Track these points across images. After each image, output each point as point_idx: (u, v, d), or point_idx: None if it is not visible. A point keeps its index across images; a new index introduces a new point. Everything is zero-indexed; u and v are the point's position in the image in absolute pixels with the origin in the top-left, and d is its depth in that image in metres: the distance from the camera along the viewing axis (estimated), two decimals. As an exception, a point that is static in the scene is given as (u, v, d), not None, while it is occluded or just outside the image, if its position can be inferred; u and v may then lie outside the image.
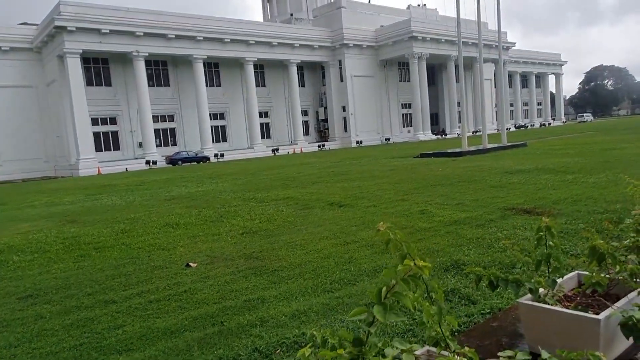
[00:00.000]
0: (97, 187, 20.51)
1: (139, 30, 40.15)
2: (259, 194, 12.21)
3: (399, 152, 29.48)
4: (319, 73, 57.87)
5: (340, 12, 55.00)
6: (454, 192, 10.21)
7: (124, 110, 44.00)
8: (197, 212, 9.57)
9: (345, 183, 13.59)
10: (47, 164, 42.67)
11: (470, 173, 13.75)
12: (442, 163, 18.38)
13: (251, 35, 47.57)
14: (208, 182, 18.10)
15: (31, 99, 41.74)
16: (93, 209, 12.02)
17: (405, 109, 60.86)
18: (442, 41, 54.58)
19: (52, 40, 38.87)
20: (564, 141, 27.94)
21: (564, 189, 9.48)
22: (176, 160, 41.40)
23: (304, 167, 22.53)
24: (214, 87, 49.76)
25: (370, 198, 10.19)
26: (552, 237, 2.49)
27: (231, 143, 51.38)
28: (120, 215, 10.01)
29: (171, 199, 12.85)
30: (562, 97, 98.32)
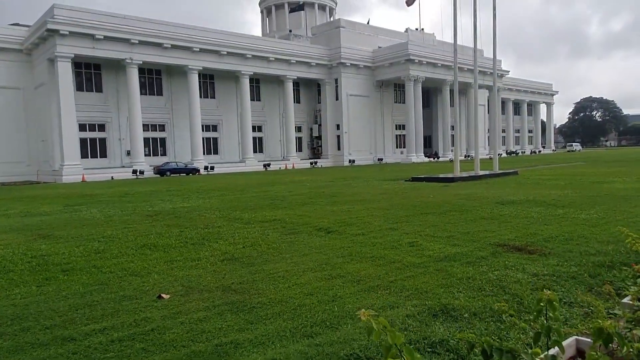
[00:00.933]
0: (78, 196, 19.95)
1: (134, 37, 39.81)
2: (246, 214, 11.87)
3: (391, 174, 29.31)
4: (315, 90, 57.94)
5: (339, 31, 55.35)
6: (445, 222, 9.97)
7: (113, 117, 43.43)
8: (179, 232, 9.20)
9: (335, 206, 13.30)
10: (29, 168, 41.67)
11: (462, 202, 13.55)
12: (434, 189, 18.19)
13: (248, 49, 47.53)
14: (195, 197, 17.70)
15: (17, 101, 40.93)
16: (69, 222, 11.56)
17: (399, 130, 61.02)
18: (439, 65, 55.06)
19: (43, 43, 38.33)
20: (554, 171, 28.00)
21: (555, 225, 9.29)
22: (165, 170, 40.80)
23: (294, 186, 22.23)
24: (208, 98, 49.49)
25: (360, 225, 9.91)
26: (554, 310, 2.23)
27: (223, 156, 50.97)
28: (96, 232, 9.60)
29: (153, 214, 12.43)
30: (552, 125, 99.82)
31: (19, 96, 41.06)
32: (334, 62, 54.30)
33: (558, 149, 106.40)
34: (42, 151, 41.46)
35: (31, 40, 39.19)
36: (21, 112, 41.14)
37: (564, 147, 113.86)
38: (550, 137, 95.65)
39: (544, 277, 5.55)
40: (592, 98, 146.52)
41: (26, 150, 41.63)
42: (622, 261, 6.00)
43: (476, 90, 25.41)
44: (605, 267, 5.91)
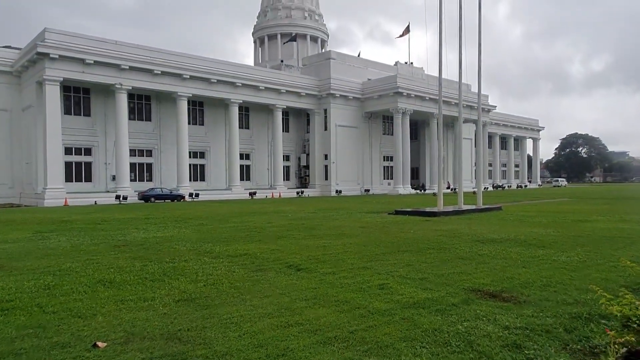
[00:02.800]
0: (52, 222, 19.35)
1: (124, 63, 39.80)
2: (217, 247, 11.46)
3: (375, 206, 29.06)
4: (304, 120, 58.18)
5: (329, 63, 56.00)
6: (421, 261, 9.66)
7: (100, 141, 42.98)
8: (141, 267, 8.77)
9: (311, 240, 12.95)
10: (12, 191, 40.96)
11: (441, 239, 13.28)
12: (415, 223, 17.93)
13: (238, 77, 47.76)
14: (171, 226, 17.24)
15: (4, 123, 40.50)
16: (32, 251, 11.07)
17: (386, 161, 61.22)
18: (426, 99, 55.75)
19: (33, 66, 38.17)
20: (538, 207, 27.96)
21: (534, 268, 9.02)
22: (149, 196, 40.22)
23: (275, 216, 21.85)
24: (196, 125, 49.37)
25: (332, 262, 9.57)
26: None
27: (209, 182, 50.51)
28: (56, 264, 9.14)
29: (122, 245, 11.99)
30: (538, 161, 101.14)
31: (5, 118, 40.66)
32: (323, 92, 54.72)
33: (544, 183, 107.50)
34: (26, 173, 40.86)
35: (21, 63, 39.04)
36: (7, 134, 40.66)
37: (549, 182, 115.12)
38: (537, 171, 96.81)
39: (516, 330, 5.21)
40: (578, 134, 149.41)
41: (9, 172, 41.00)
42: (600, 313, 5.70)
43: (460, 124, 25.51)
44: (582, 320, 5.59)
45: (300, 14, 74.14)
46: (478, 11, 25.04)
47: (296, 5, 74.07)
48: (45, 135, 36.87)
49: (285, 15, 73.73)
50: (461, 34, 22.91)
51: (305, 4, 74.80)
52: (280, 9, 73.95)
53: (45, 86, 36.55)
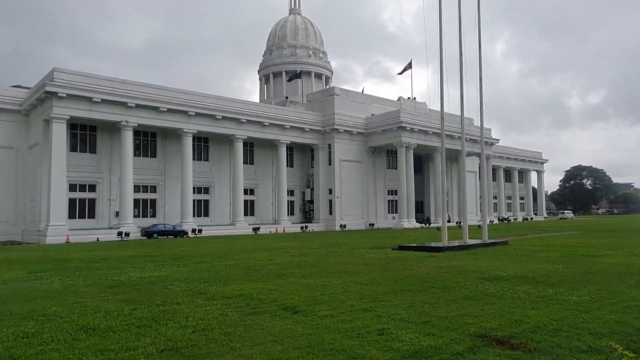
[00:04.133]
0: (48, 261, 18.98)
1: (131, 101, 40.17)
2: (213, 288, 11.07)
3: (379, 241, 28.55)
4: (308, 154, 58.32)
5: (332, 99, 56.61)
6: (424, 302, 9.21)
7: (105, 177, 42.98)
8: (130, 310, 8.39)
9: (311, 279, 12.52)
10: (15, 228, 40.65)
11: (446, 276, 12.82)
12: (419, 260, 17.46)
13: (243, 113, 48.15)
14: (169, 264, 16.86)
15: (10, 160, 40.80)
16: (20, 294, 10.72)
17: (391, 195, 60.88)
18: (430, 133, 55.87)
19: (41, 104, 38.67)
20: (545, 241, 27.39)
21: (543, 309, 8.56)
22: (152, 232, 39.87)
23: (277, 253, 21.43)
24: (201, 161, 49.49)
25: (331, 303, 9.14)
26: None
27: (213, 218, 50.19)
28: (40, 308, 8.77)
29: (115, 286, 11.62)
30: (543, 193, 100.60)
31: (13, 155, 40.99)
32: (327, 127, 55.06)
33: (550, 216, 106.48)
34: (29, 211, 40.74)
35: (29, 102, 39.58)
36: (12, 171, 40.86)
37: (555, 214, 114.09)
38: (542, 204, 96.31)
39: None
40: (582, 166, 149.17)
41: (13, 210, 40.88)
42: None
43: (463, 157, 25.29)
44: None
45: (305, 52, 75.58)
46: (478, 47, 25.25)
47: (301, 44, 75.61)
48: (50, 172, 36.91)
49: (290, 54, 75.18)
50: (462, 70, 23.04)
51: (310, 43, 76.35)
52: (285, 47, 75.48)
53: (52, 124, 36.89)
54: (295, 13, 79.22)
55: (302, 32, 76.44)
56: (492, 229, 42.79)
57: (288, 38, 75.84)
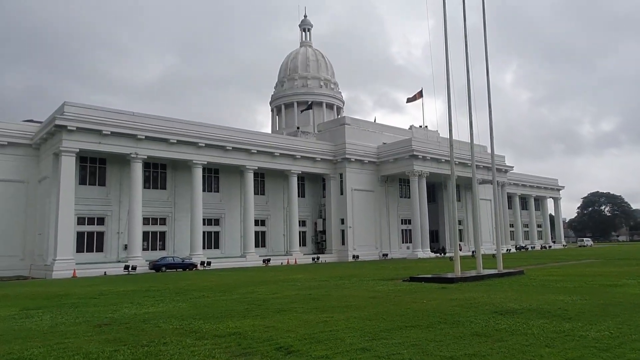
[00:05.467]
0: (46, 297, 18.54)
1: (140, 133, 40.30)
2: (207, 325, 10.51)
3: (391, 272, 27.72)
4: (320, 184, 57.99)
5: (343, 128, 56.64)
6: (429, 340, 8.54)
7: (114, 210, 42.87)
8: (111, 352, 7.87)
9: (313, 314, 11.90)
10: (23, 263, 40.29)
11: (456, 310, 12.09)
12: (430, 292, 16.70)
13: (253, 144, 48.18)
14: (169, 299, 16.33)
15: (20, 194, 40.88)
16: (5, 333, 10.29)
17: (404, 224, 59.94)
18: (442, 161, 55.22)
19: (51, 138, 38.98)
20: (563, 270, 26.33)
21: (558, 347, 7.84)
22: (160, 265, 39.38)
23: (283, 286, 20.79)
24: (211, 192, 49.31)
25: (329, 342, 8.53)
26: None
27: (224, 250, 49.68)
28: (20, 349, 8.30)
29: (105, 324, 11.12)
30: (561, 220, 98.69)
31: (22, 189, 41.10)
32: (339, 157, 54.86)
33: (569, 243, 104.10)
34: (37, 245, 40.52)
35: (40, 136, 39.97)
36: (22, 205, 40.84)
37: (574, 241, 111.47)
38: (560, 231, 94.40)
39: None
40: (599, 193, 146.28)
41: (22, 244, 40.62)
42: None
43: (475, 185, 24.71)
44: None
45: (316, 83, 76.37)
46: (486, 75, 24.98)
47: (312, 75, 76.50)
48: (58, 206, 36.81)
49: (301, 85, 76.03)
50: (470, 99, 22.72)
51: (321, 74, 77.22)
52: (296, 78, 76.42)
53: (61, 157, 37.06)
54: (307, 45, 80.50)
55: (313, 64, 77.45)
56: (509, 258, 41.56)
57: (299, 70, 76.84)
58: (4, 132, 40.40)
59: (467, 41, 23.46)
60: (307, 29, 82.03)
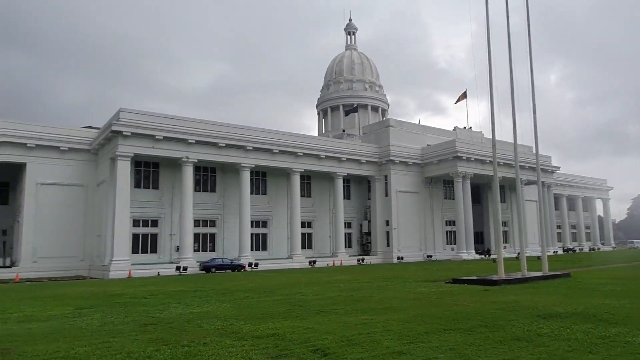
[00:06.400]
0: (100, 296, 19.52)
1: (191, 138, 41.64)
2: (248, 326, 10.86)
3: (434, 274, 27.39)
4: (365, 186, 57.94)
5: (388, 130, 56.41)
6: (467, 344, 8.44)
7: (167, 213, 44.47)
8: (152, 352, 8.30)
9: (353, 316, 12.02)
10: (82, 263, 42.38)
11: (497, 313, 11.89)
12: (472, 294, 16.44)
13: (300, 147, 48.75)
14: (214, 300, 16.90)
15: (80, 198, 42.86)
16: (56, 331, 10.90)
17: (449, 226, 59.00)
18: (487, 162, 53.72)
19: (108, 143, 40.84)
20: (612, 273, 25.20)
21: (602, 353, 7.61)
22: (210, 267, 40.54)
23: (326, 287, 21.01)
24: (259, 194, 50.22)
25: (366, 344, 8.60)
26: None
27: (271, 252, 50.51)
28: (67, 348, 8.81)
29: (150, 323, 11.65)
30: (610, 221, 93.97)
31: (82, 193, 43.04)
32: (383, 159, 54.70)
33: (618, 245, 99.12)
34: (96, 246, 42.51)
35: (98, 141, 41.92)
36: (81, 208, 42.85)
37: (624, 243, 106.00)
38: (609, 233, 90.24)
39: None
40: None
41: (81, 245, 42.55)
42: None
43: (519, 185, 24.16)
44: None
45: (361, 86, 76.43)
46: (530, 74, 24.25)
47: (357, 78, 76.61)
48: (115, 208, 38.53)
49: (347, 88, 76.29)
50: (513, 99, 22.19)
51: (366, 76, 77.19)
52: (342, 82, 76.74)
53: (117, 162, 38.79)
54: (352, 49, 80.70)
55: (358, 67, 77.55)
56: (555, 260, 40.02)
57: (345, 73, 77.11)
58: (64, 138, 42.58)
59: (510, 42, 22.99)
60: (352, 32, 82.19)
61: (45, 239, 40.53)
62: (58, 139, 42.17)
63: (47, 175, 41.48)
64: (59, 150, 42.22)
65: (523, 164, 42.19)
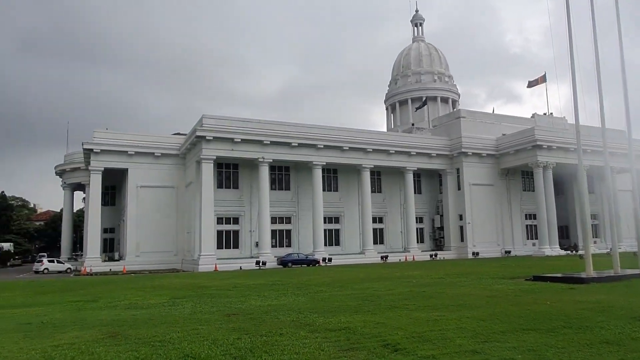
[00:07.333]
0: (191, 288, 21.14)
1: (266, 139, 43.69)
2: (321, 319, 11.18)
3: (512, 271, 26.27)
4: (436, 180, 56.73)
5: (459, 122, 54.73)
6: (548, 346, 7.93)
7: (246, 211, 46.93)
8: (234, 340, 8.88)
9: (424, 312, 11.93)
10: (176, 257, 46.53)
11: (584, 314, 11.12)
12: (556, 292, 15.61)
13: (369, 143, 48.99)
14: (290, 293, 17.57)
15: (171, 198, 47.23)
16: (154, 318, 12.07)
17: (529, 220, 56.18)
18: (571, 150, 50.37)
19: (193, 148, 44.20)
20: None
21: None
22: (287, 261, 42.09)
23: (398, 282, 20.96)
24: (331, 191, 51.07)
25: (438, 341, 8.49)
26: None
27: (344, 247, 51.16)
28: (162, 333, 9.75)
29: (233, 314, 12.47)
30: None
31: (173, 194, 47.43)
32: (455, 151, 53.25)
33: None
34: (186, 242, 46.16)
35: (185, 146, 45.77)
36: (173, 208, 47.15)
37: None
38: None
39: None
40: None
41: (175, 241, 46.83)
42: None
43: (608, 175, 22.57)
44: None
45: (429, 78, 74.74)
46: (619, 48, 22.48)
47: (425, 70, 74.99)
48: (201, 207, 41.50)
49: (415, 81, 74.96)
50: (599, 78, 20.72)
51: (435, 68, 75.35)
52: (410, 75, 75.51)
53: (202, 164, 41.75)
54: (419, 40, 79.09)
55: (426, 58, 75.86)
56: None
57: (412, 65, 75.77)
58: (157, 144, 47.19)
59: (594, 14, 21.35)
60: (419, 23, 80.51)
61: (145, 235, 45.14)
62: (153, 145, 46.78)
63: (144, 178, 46.09)
64: (154, 156, 46.69)
65: (614, 150, 38.95)
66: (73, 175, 56.79)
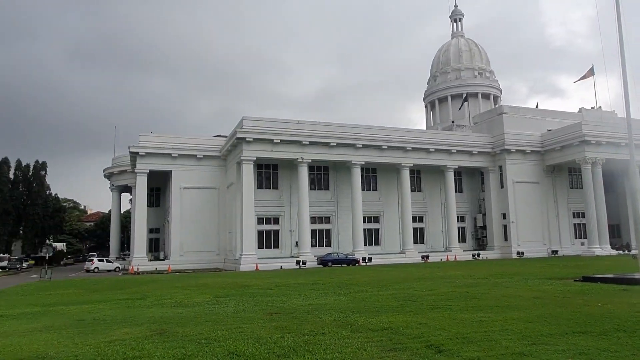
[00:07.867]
0: (234, 287, 21.55)
1: (304, 139, 43.88)
2: (362, 319, 11.18)
3: (560, 271, 25.39)
4: (478, 178, 55.41)
5: (501, 118, 53.21)
6: (600, 349, 7.68)
7: (286, 211, 47.32)
8: (277, 338, 9.02)
9: (468, 313, 11.73)
10: (218, 257, 47.61)
11: (639, 317, 10.68)
12: (607, 294, 15.00)
13: (408, 142, 48.45)
14: (331, 292, 17.63)
15: (213, 199, 48.29)
16: (200, 316, 12.38)
17: (577, 218, 53.97)
18: (622, 145, 48.05)
19: (234, 149, 45.00)
20: None
21: None
22: (327, 261, 42.18)
23: (440, 282, 20.65)
24: (370, 191, 50.80)
25: (483, 343, 8.34)
26: None
27: (384, 246, 50.78)
28: (208, 331, 10.00)
29: (275, 312, 12.65)
30: None
31: (215, 194, 48.51)
32: (497, 149, 51.85)
33: None
34: (228, 242, 47.12)
35: (226, 148, 46.65)
36: (215, 208, 48.20)
37: None
38: None
39: None
40: None
41: (217, 241, 47.94)
42: None
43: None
44: None
45: (470, 74, 73.03)
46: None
47: (465, 66, 73.30)
48: (242, 208, 42.20)
49: (455, 77, 73.43)
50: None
51: (475, 63, 73.54)
52: (449, 71, 74.04)
53: (242, 165, 42.41)
54: (458, 36, 77.38)
55: (465, 54, 74.13)
56: None
57: (452, 62, 74.21)
58: (200, 147, 48.48)
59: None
60: (458, 19, 78.76)
61: (188, 235, 46.48)
62: (195, 148, 48.13)
63: (187, 180, 47.48)
64: (196, 158, 48.02)
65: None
66: (120, 177, 59.33)
